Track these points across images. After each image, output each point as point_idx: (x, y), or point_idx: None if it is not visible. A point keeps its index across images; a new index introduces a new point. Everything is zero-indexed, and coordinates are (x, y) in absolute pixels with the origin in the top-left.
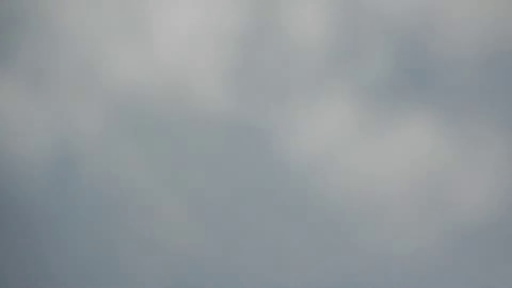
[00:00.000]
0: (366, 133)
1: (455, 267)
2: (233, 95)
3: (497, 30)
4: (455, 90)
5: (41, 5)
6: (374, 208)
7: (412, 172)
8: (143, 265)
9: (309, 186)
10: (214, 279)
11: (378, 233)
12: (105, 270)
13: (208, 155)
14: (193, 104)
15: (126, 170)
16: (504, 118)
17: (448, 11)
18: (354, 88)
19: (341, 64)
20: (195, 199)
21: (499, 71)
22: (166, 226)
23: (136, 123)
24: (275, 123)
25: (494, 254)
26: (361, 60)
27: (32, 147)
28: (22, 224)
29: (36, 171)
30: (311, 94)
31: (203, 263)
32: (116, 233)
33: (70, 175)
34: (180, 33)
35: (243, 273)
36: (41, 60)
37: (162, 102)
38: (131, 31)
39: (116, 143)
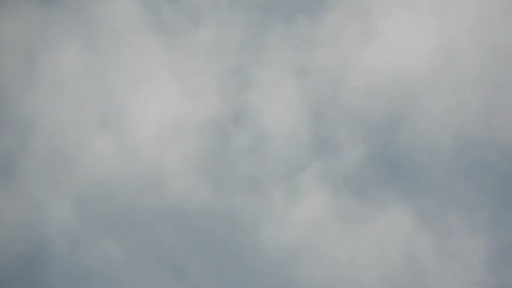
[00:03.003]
0: (342, 222)
1: None
2: (207, 184)
3: (470, 120)
4: (430, 180)
5: (9, 94)
6: None
7: (388, 261)
8: None
9: (287, 274)
10: None
11: None
12: None
13: (181, 242)
14: (166, 192)
15: (98, 257)
16: (477, 208)
17: (423, 104)
18: (330, 177)
19: (317, 153)
20: (168, 285)
21: (473, 162)
22: None
23: (108, 211)
24: (250, 211)
25: None
26: (336, 150)
27: (3, 237)
28: None
29: (8, 260)
30: (287, 182)
31: None
32: None
33: (42, 263)
34: (153, 123)
35: None
36: (11, 150)
37: (134, 190)
38: (103, 120)
39: (87, 230)
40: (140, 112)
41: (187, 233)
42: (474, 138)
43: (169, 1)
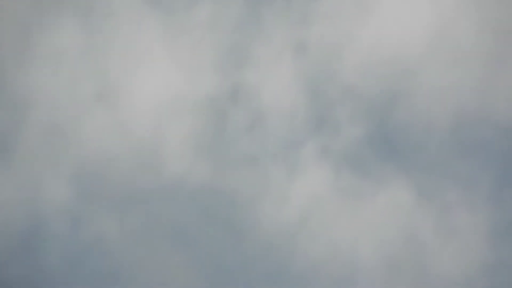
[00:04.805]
0: (342, 198)
1: None
2: (205, 162)
3: (467, 97)
4: (428, 157)
5: (5, 72)
6: (350, 275)
7: (387, 238)
8: None
9: (285, 252)
10: None
11: None
12: None
13: (180, 221)
14: (163, 169)
15: (96, 235)
16: (476, 185)
17: (420, 81)
18: (329, 154)
19: (315, 130)
20: (165, 265)
21: (471, 138)
22: None
23: (106, 189)
24: (248, 189)
25: None
26: (335, 126)
27: (0, 216)
28: None
29: (6, 239)
30: (285, 160)
31: None
32: None
33: (40, 241)
34: (150, 100)
35: None
36: (8, 129)
37: (132, 167)
38: (100, 98)
39: (85, 208)
40: (137, 89)
41: (184, 211)
42: (472, 115)
43: None
